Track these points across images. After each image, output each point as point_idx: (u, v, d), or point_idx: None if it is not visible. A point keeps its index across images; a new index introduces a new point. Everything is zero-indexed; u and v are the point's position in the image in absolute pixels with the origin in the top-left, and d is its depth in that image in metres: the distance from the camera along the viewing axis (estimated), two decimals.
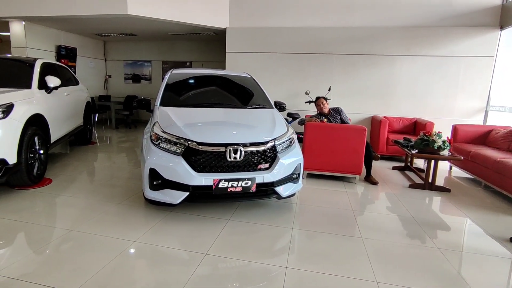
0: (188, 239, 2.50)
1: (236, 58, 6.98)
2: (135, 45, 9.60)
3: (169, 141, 2.74)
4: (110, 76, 10.03)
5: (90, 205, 3.09)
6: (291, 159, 2.98)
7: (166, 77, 3.91)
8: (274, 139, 2.93)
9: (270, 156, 2.89)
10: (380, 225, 2.95)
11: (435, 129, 4.21)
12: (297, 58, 6.73)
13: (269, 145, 2.86)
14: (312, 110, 6.44)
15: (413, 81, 6.26)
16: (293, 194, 3.25)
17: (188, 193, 2.66)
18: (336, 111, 4.68)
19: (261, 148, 2.82)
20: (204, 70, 4.35)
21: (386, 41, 6.25)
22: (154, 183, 2.75)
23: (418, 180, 4.54)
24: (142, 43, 9.54)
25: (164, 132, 2.81)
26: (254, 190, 2.76)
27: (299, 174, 3.13)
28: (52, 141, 4.11)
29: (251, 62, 6.90)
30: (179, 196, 2.67)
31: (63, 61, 7.85)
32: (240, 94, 4.05)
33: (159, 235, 2.54)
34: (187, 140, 2.70)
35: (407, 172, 5.06)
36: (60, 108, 4.44)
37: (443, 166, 5.31)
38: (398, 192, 4.00)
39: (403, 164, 5.39)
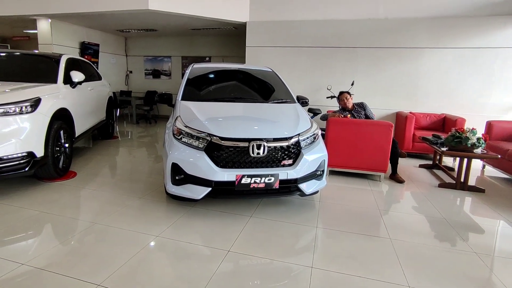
0: (210, 235, 2.46)
1: (256, 53, 6.88)
2: (155, 40, 9.69)
3: (192, 136, 2.71)
4: (131, 72, 10.19)
5: (113, 198, 3.12)
6: (315, 155, 2.88)
7: (187, 71, 3.89)
8: (298, 134, 2.83)
9: (293, 152, 2.79)
10: (409, 226, 2.80)
11: (467, 126, 3.97)
12: (319, 52, 6.56)
13: (293, 140, 2.77)
14: (334, 105, 6.28)
15: (443, 75, 5.95)
16: (317, 192, 3.14)
17: (210, 189, 2.62)
18: (361, 106, 4.52)
19: (284, 144, 2.73)
20: (225, 65, 4.29)
21: (414, 33, 5.96)
22: (176, 178, 2.72)
23: (448, 179, 4.31)
24: (162, 39, 9.62)
25: (186, 126, 2.77)
26: (277, 187, 2.69)
27: (323, 171, 3.02)
28: (76, 135, 4.18)
29: (272, 57, 6.78)
30: (201, 192, 2.64)
31: (86, 57, 8.02)
32: (262, 88, 3.97)
33: (181, 230, 2.52)
34: (210, 134, 2.65)
35: (435, 171, 4.83)
36: (84, 102, 4.51)
37: (475, 165, 5.02)
38: (426, 191, 3.81)
39: (430, 162, 5.15)
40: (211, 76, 4.03)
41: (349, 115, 4.42)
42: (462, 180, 3.88)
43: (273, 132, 2.76)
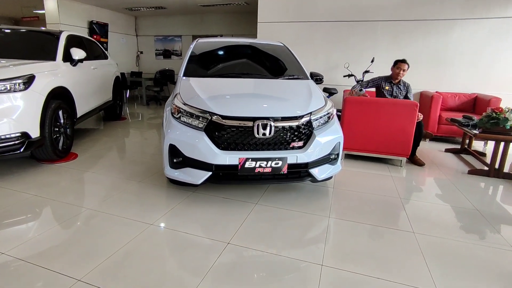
0: (209, 224, 2.23)
1: (268, 29, 6.45)
2: (165, 19, 9.37)
3: (191, 115, 2.43)
4: (141, 52, 9.97)
5: (112, 182, 2.93)
6: (329, 137, 2.56)
7: (191, 47, 3.58)
8: (310, 113, 2.50)
9: (304, 133, 2.48)
10: (436, 218, 2.47)
11: (505, 106, 3.50)
12: (336, 26, 6.06)
13: (303, 120, 2.45)
14: (352, 84, 5.84)
15: (476, 49, 5.36)
16: (330, 177, 2.84)
17: (210, 173, 2.37)
18: (405, 86, 4.06)
19: (294, 123, 2.42)
20: (232, 39, 3.95)
21: (443, 3, 5.35)
22: (174, 160, 2.48)
23: (479, 166, 3.89)
24: (172, 18, 9.28)
25: (185, 104, 2.50)
26: (286, 172, 2.40)
27: (338, 154, 2.70)
28: (78, 116, 4.01)
29: (285, 33, 6.34)
30: (201, 176, 2.39)
31: (95, 37, 7.84)
32: (272, 64, 3.62)
33: (179, 218, 2.30)
34: (210, 113, 2.37)
35: (464, 156, 4.39)
36: (86, 81, 4.31)
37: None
38: (454, 178, 3.42)
39: (458, 147, 4.70)
40: (217, 51, 3.70)
41: (387, 87, 4.02)
42: (496, 166, 3.46)
43: (281, 110, 2.45)
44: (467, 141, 4.49)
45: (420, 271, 1.79)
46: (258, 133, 2.32)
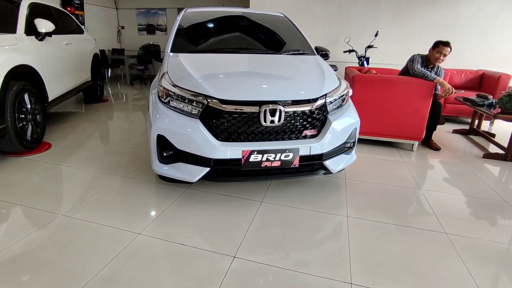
0: (210, 230, 1.87)
1: (262, 1, 5.88)
2: None
3: (182, 99, 2.01)
4: (122, 28, 9.17)
5: (90, 178, 2.51)
6: (345, 123, 2.19)
7: (179, 18, 3.09)
8: (325, 95, 2.12)
9: (318, 119, 2.11)
10: (465, 213, 2.19)
11: None
12: None
13: (318, 103, 2.07)
14: (352, 61, 5.44)
15: (485, 24, 5.01)
16: (344, 168, 2.51)
17: (208, 169, 1.98)
18: (438, 70, 3.56)
19: (307, 108, 2.03)
20: (226, 9, 3.44)
21: None
22: (164, 154, 2.08)
23: (492, 148, 3.64)
24: None
25: (175, 86, 2.06)
26: (297, 165, 2.04)
27: (354, 142, 2.35)
28: (50, 99, 3.49)
29: (280, 5, 5.80)
30: (196, 173, 2.00)
31: (68, 9, 7.06)
32: (273, 38, 3.16)
33: (172, 223, 1.93)
34: (206, 96, 1.95)
35: (473, 137, 4.14)
36: (58, 59, 3.76)
37: None
38: (470, 163, 3.15)
39: (465, 127, 4.44)
40: (209, 23, 3.20)
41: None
42: None
43: (292, 92, 2.05)
44: (476, 121, 4.22)
45: (468, 284, 1.50)
46: (265, 121, 1.93)
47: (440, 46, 3.40)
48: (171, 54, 2.59)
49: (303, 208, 2.16)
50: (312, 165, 2.13)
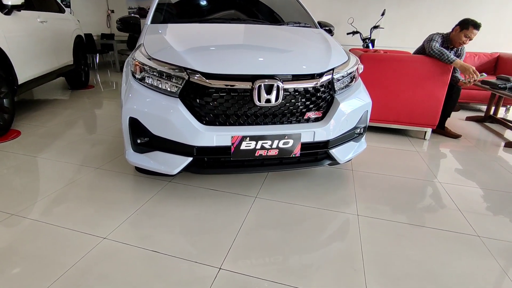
0: (192, 234, 1.54)
1: None
2: None
3: (160, 74, 1.65)
4: (112, 11, 8.68)
5: (57, 170, 2.17)
6: (355, 104, 1.84)
7: None
8: (332, 70, 1.76)
9: (324, 99, 1.75)
10: (498, 211, 1.86)
11: None
12: None
13: (324, 79, 1.71)
14: (356, 43, 5.05)
15: (500, 2, 4.60)
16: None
17: (190, 159, 1.64)
18: (459, 50, 3.13)
19: (310, 85, 1.67)
20: None
21: None
22: (138, 141, 1.73)
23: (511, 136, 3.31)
24: None
25: (151, 59, 1.70)
26: (298, 154, 1.70)
27: (365, 128, 2.00)
28: (20, 82, 3.11)
29: None
30: (176, 164, 1.66)
31: None
32: (270, 9, 2.78)
33: (147, 225, 1.59)
34: (187, 70, 1.59)
35: (489, 125, 3.80)
36: (30, 38, 3.36)
37: None
38: (491, 153, 2.82)
39: (480, 114, 4.10)
40: None
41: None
42: None
43: (292, 66, 1.69)
44: (493, 108, 3.87)
45: None
46: (259, 100, 1.57)
47: (471, 28, 2.89)
48: (151, 25, 2.21)
49: (305, 205, 1.82)
50: (316, 154, 1.79)
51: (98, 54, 7.56)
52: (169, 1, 2.61)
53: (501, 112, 4.34)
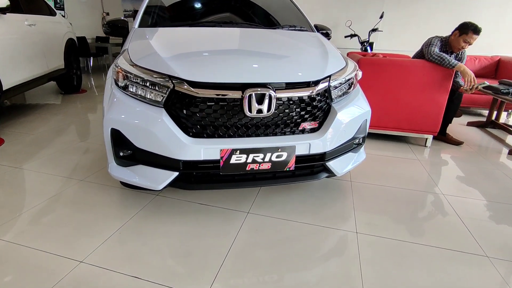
0: (177, 255, 1.42)
1: None
2: None
3: (143, 82, 1.53)
4: (107, 14, 8.57)
5: (39, 182, 2.04)
6: (353, 113, 1.73)
7: None
8: (329, 77, 1.65)
9: (320, 108, 1.64)
10: (506, 229, 1.74)
11: None
12: None
13: (320, 87, 1.60)
14: (354, 46, 4.95)
15: (501, 3, 4.52)
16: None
17: (177, 174, 1.52)
18: (460, 54, 3.01)
19: (306, 93, 1.56)
20: None
21: None
22: (121, 154, 1.61)
23: None
24: None
25: (134, 65, 1.58)
26: (293, 168, 1.58)
27: (364, 138, 1.89)
28: (5, 88, 2.99)
29: None
30: (162, 179, 1.54)
31: None
32: (264, 11, 2.68)
33: (128, 245, 1.47)
34: (173, 78, 1.47)
35: (490, 130, 3.70)
36: (16, 41, 3.24)
37: None
38: (495, 161, 2.72)
39: (481, 119, 3.99)
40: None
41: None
42: None
43: (286, 73, 1.58)
44: (495, 113, 3.77)
45: None
46: (250, 110, 1.46)
47: (471, 33, 2.76)
48: (138, 29, 2.10)
49: (300, 221, 1.71)
50: (312, 167, 1.67)
51: (92, 58, 7.44)
52: (160, 3, 2.50)
53: (503, 117, 4.24)
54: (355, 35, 4.91)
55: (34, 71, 3.58)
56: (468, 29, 2.79)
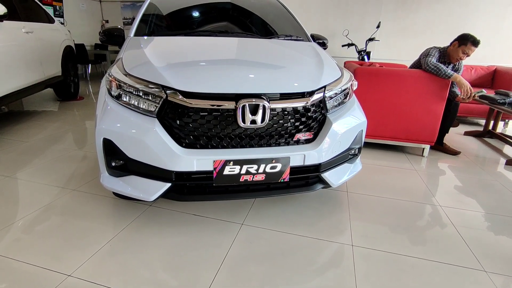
0: (168, 269, 1.38)
1: None
2: None
3: (136, 91, 1.52)
4: (107, 21, 8.64)
5: (31, 192, 2.01)
6: (349, 124, 1.72)
7: (147, 1, 2.60)
8: (324, 87, 1.64)
9: (315, 119, 1.63)
10: (505, 240, 1.72)
11: None
12: None
13: (315, 98, 1.58)
14: (352, 55, 4.98)
15: (497, 14, 4.57)
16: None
17: (169, 185, 1.49)
18: (457, 65, 3.03)
19: (300, 104, 1.55)
20: None
21: None
22: (113, 164, 1.58)
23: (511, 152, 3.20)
24: None
25: (128, 75, 1.57)
26: (287, 179, 1.56)
27: (359, 148, 1.88)
28: (1, 95, 2.98)
29: None
30: (154, 190, 1.51)
31: None
32: (260, 21, 2.68)
33: (119, 258, 1.43)
34: (166, 88, 1.46)
35: (487, 140, 3.69)
36: (12, 48, 3.24)
37: None
38: (493, 172, 2.70)
39: (478, 129, 4.00)
40: (186, 5, 2.70)
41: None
42: None
43: (281, 83, 1.56)
44: (492, 122, 3.77)
45: None
46: (244, 121, 1.44)
47: (469, 45, 2.77)
48: (133, 38, 2.10)
49: (295, 233, 1.68)
50: (307, 178, 1.65)
51: (90, 64, 7.45)
52: (156, 12, 2.50)
53: (500, 127, 4.24)
54: (352, 44, 4.94)
55: (30, 78, 3.57)
56: (467, 41, 2.80)
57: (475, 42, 2.78)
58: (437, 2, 4.73)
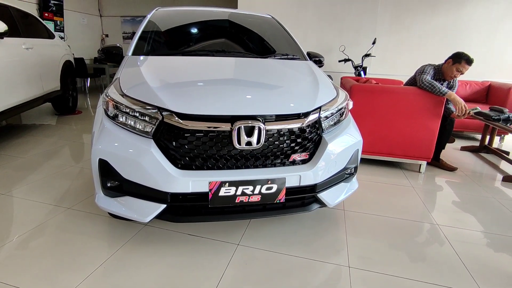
0: None
1: (249, 4, 5.52)
2: None
3: (133, 112, 1.52)
4: (107, 36, 8.75)
5: (25, 210, 1.99)
6: (345, 144, 1.72)
7: (147, 17, 2.65)
8: (319, 108, 1.65)
9: (311, 139, 1.63)
10: (504, 261, 1.71)
11: None
12: (329, 2, 5.21)
13: (310, 118, 1.60)
14: (348, 71, 5.04)
15: (491, 29, 4.67)
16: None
17: (164, 206, 1.48)
18: (451, 82, 3.06)
19: (296, 125, 1.56)
20: (203, 8, 3.00)
21: None
22: (108, 185, 1.58)
23: (509, 168, 3.20)
24: None
25: (124, 96, 1.58)
26: (283, 200, 1.55)
27: (355, 168, 1.88)
28: (0, 110, 2.99)
29: (270, 9, 5.41)
30: (149, 211, 1.50)
31: (46, 14, 6.62)
32: (256, 40, 2.73)
33: (112, 281, 1.41)
34: (161, 109, 1.47)
35: (484, 155, 3.71)
36: (12, 64, 3.27)
37: None
38: (490, 188, 2.70)
39: (474, 144, 4.02)
40: (182, 22, 2.75)
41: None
42: None
43: (276, 105, 1.58)
44: (488, 138, 3.79)
45: None
46: (239, 143, 1.45)
47: (463, 63, 2.84)
48: (131, 57, 2.12)
49: (291, 254, 1.66)
50: (303, 198, 1.65)
51: (89, 78, 7.50)
52: (156, 29, 2.54)
53: (496, 141, 4.27)
54: (348, 59, 5.01)
55: (30, 93, 3.59)
56: (461, 59, 2.86)
57: (469, 61, 2.84)
58: (430, 18, 4.83)
